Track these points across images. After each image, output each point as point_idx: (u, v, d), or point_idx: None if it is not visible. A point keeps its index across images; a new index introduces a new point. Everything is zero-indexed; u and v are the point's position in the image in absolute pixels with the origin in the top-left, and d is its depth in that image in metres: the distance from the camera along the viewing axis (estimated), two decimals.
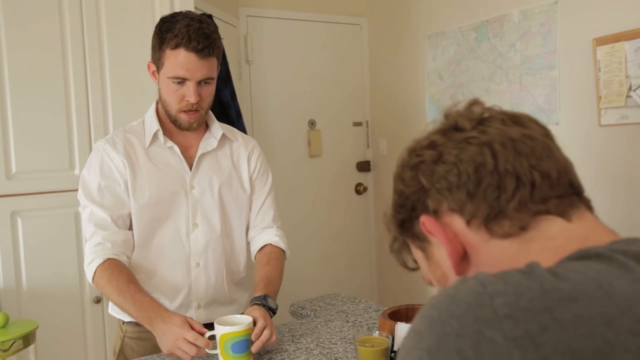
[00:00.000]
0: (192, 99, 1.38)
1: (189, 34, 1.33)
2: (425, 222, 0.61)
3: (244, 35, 3.31)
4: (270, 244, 1.56)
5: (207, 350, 1.26)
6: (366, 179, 3.81)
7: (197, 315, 1.49)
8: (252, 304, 1.37)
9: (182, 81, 1.37)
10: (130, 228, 1.45)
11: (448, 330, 0.46)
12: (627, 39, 2.29)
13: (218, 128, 1.52)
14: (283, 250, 1.58)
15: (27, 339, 0.95)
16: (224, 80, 2.84)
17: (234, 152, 1.56)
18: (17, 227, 2.15)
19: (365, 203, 3.82)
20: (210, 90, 1.43)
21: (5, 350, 0.90)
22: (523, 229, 0.57)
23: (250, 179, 1.58)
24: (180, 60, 1.34)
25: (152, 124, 1.47)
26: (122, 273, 1.34)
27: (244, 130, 2.95)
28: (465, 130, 0.62)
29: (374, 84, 3.75)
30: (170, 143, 1.46)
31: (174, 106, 1.41)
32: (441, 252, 0.62)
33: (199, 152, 1.49)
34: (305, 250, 3.49)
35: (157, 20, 2.36)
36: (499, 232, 0.58)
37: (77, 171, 2.24)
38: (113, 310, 1.50)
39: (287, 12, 3.46)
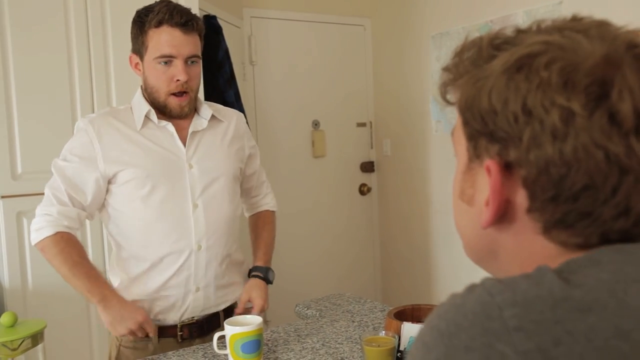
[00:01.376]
0: (182, 77, 1.36)
1: (170, 10, 1.35)
2: (491, 168, 0.52)
3: (247, 36, 3.32)
4: (267, 210, 1.70)
5: (217, 350, 1.26)
6: (370, 179, 3.81)
7: (195, 299, 1.47)
8: (254, 276, 1.52)
9: (168, 60, 1.36)
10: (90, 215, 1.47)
11: (456, 342, 0.44)
12: None
13: (207, 109, 1.50)
14: (274, 211, 1.73)
15: (36, 338, 0.95)
16: (228, 80, 2.84)
17: (226, 132, 1.54)
18: (23, 227, 2.16)
19: (369, 203, 3.82)
20: (197, 71, 1.42)
21: (14, 350, 0.90)
22: (580, 247, 0.51)
23: (244, 156, 1.60)
24: (165, 37, 1.35)
25: (141, 107, 1.43)
26: (75, 247, 1.38)
27: None
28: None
29: (378, 84, 3.75)
30: (163, 122, 1.43)
31: (163, 89, 1.39)
32: (484, 184, 0.54)
33: (190, 130, 1.46)
34: (310, 251, 3.50)
35: None
36: (556, 239, 0.52)
37: None
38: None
39: (291, 13, 3.46)
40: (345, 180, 3.71)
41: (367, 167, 3.78)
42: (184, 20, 1.35)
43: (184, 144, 1.46)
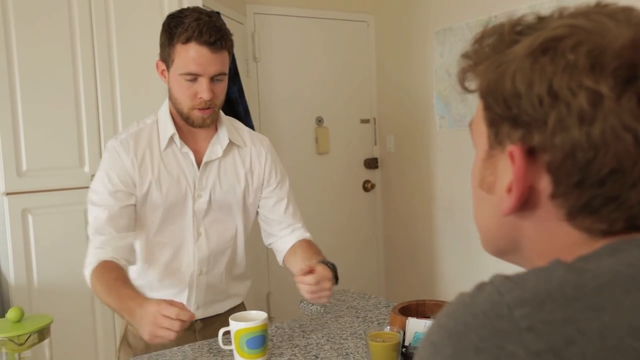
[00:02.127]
0: (205, 95, 1.34)
1: (200, 27, 1.30)
2: (515, 154, 0.50)
3: (251, 33, 3.31)
4: (298, 241, 1.56)
5: (222, 345, 1.26)
6: (374, 176, 3.81)
7: (196, 315, 1.51)
8: (320, 263, 1.37)
9: (194, 78, 1.33)
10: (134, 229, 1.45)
11: (466, 343, 0.44)
12: None
13: (225, 134, 1.47)
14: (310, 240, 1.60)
15: (42, 334, 0.95)
16: (232, 77, 2.84)
17: (242, 160, 1.52)
18: (28, 224, 2.17)
19: (373, 200, 3.82)
20: (222, 87, 1.40)
21: (21, 345, 0.90)
22: (605, 233, 0.50)
23: (262, 185, 1.56)
24: (192, 55, 1.31)
25: (166, 126, 1.43)
26: (112, 271, 1.31)
27: (251, 128, 2.95)
28: None
29: (381, 80, 3.75)
30: (185, 148, 1.44)
31: (186, 104, 1.37)
32: (505, 170, 0.52)
33: (204, 160, 1.45)
34: None
35: (166, 16, 2.40)
36: (580, 225, 0.50)
37: (87, 168, 2.26)
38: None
39: (294, 9, 3.46)
40: (348, 177, 3.71)
41: (371, 163, 3.78)
42: (213, 39, 1.30)
43: (199, 166, 1.46)
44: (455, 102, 3.17)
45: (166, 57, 1.37)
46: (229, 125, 1.51)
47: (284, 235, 1.57)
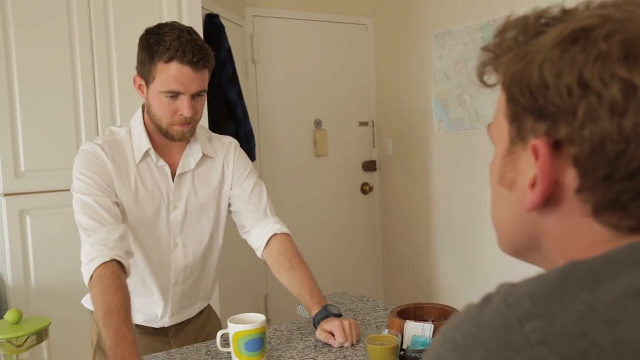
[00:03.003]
0: (186, 112, 1.33)
1: (183, 46, 1.28)
2: (539, 148, 0.49)
3: (250, 35, 3.32)
4: (275, 235, 1.51)
5: (220, 348, 1.26)
6: (372, 178, 3.81)
7: (170, 322, 1.54)
8: (323, 321, 1.35)
9: (175, 95, 1.32)
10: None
11: (473, 357, 0.43)
12: None
13: (198, 147, 1.46)
14: (289, 235, 1.53)
15: (41, 335, 0.95)
16: (231, 79, 2.85)
17: (215, 169, 1.52)
18: (26, 225, 2.16)
19: (371, 203, 3.82)
20: (202, 103, 1.39)
21: (20, 346, 0.90)
22: (633, 230, 0.48)
23: (232, 184, 1.54)
24: (173, 73, 1.30)
25: (141, 140, 1.41)
26: (120, 291, 1.24)
27: (250, 131, 2.96)
28: None
29: (380, 84, 3.75)
30: (161, 162, 1.43)
31: (166, 120, 1.35)
32: (527, 166, 0.51)
33: (178, 172, 1.45)
34: (311, 250, 3.48)
35: (165, 20, 2.38)
36: (607, 221, 0.49)
37: None
38: (86, 302, 1.51)
39: (293, 12, 3.47)
40: (347, 180, 3.71)
41: (369, 166, 3.78)
42: (196, 59, 1.29)
43: (174, 177, 1.45)
44: (454, 105, 3.18)
45: (146, 74, 1.35)
46: (201, 137, 1.49)
47: (257, 230, 1.53)
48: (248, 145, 2.92)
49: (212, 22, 2.77)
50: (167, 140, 1.41)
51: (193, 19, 2.42)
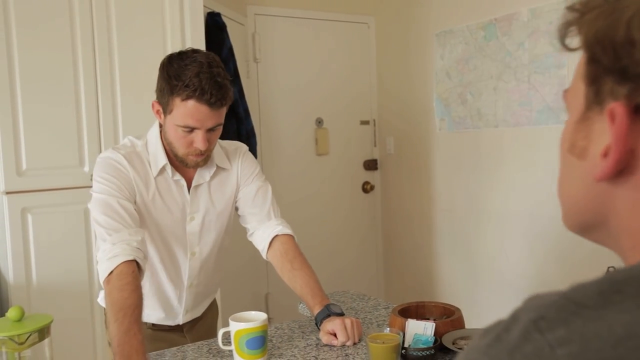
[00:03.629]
0: (201, 146, 1.34)
1: (202, 85, 1.26)
2: (616, 112, 0.45)
3: (251, 34, 3.32)
4: (277, 236, 1.52)
5: (222, 345, 1.27)
6: (373, 177, 3.81)
7: (184, 319, 1.59)
8: (324, 320, 1.35)
9: (191, 130, 1.33)
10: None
11: None
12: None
13: (212, 160, 1.47)
14: (292, 236, 1.54)
15: (42, 333, 0.95)
16: (232, 78, 2.84)
17: (229, 179, 1.54)
18: (28, 223, 2.17)
19: (372, 201, 3.82)
20: (217, 134, 1.40)
21: (21, 344, 0.90)
22: None
23: (238, 190, 1.56)
24: (190, 110, 1.29)
25: (157, 155, 1.42)
26: (136, 291, 1.25)
27: (251, 129, 2.96)
28: None
29: (382, 82, 3.75)
30: (177, 176, 1.45)
31: (181, 150, 1.37)
32: (601, 133, 0.47)
33: (193, 184, 1.47)
34: (312, 249, 3.48)
35: (167, 19, 2.40)
36: None
37: (86, 168, 2.26)
38: (102, 301, 1.52)
39: (295, 10, 3.46)
40: (348, 178, 3.71)
41: (371, 165, 3.78)
42: (214, 100, 1.28)
43: (189, 190, 1.47)
44: (455, 104, 3.18)
45: (164, 104, 1.35)
46: (216, 149, 1.50)
47: (260, 232, 1.54)
48: (249, 143, 2.92)
49: (214, 21, 2.77)
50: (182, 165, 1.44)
51: (194, 17, 2.42)
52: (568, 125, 0.52)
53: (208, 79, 1.27)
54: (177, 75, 1.29)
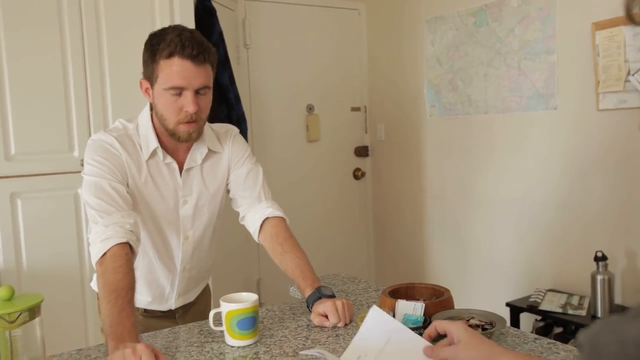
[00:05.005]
0: (190, 108, 1.34)
1: (182, 41, 1.31)
2: None
3: (242, 20, 3.30)
4: (268, 218, 1.52)
5: (213, 326, 1.27)
6: (364, 164, 3.82)
7: (176, 304, 1.59)
8: (316, 302, 1.36)
9: (179, 92, 1.33)
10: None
11: None
12: (626, 23, 2.29)
13: (204, 143, 1.48)
14: (283, 218, 1.53)
15: (33, 312, 0.95)
16: (223, 63, 2.83)
17: (220, 163, 1.54)
18: (17, 208, 2.16)
19: (363, 188, 3.83)
20: (207, 101, 1.40)
21: (12, 322, 0.90)
22: None
23: (229, 172, 1.56)
24: (175, 69, 1.31)
25: (148, 138, 1.42)
26: (130, 274, 1.25)
27: (242, 115, 2.95)
28: None
29: (373, 69, 3.75)
30: (169, 159, 1.44)
31: (172, 119, 1.36)
32: None
33: (185, 167, 1.46)
34: (303, 235, 3.48)
35: (156, 3, 2.38)
36: None
37: (76, 153, 2.25)
38: (95, 285, 1.52)
39: None
40: (339, 165, 3.72)
41: (361, 151, 3.79)
42: (195, 52, 1.31)
43: (181, 173, 1.46)
44: (446, 90, 3.18)
45: (150, 74, 1.37)
46: (207, 132, 1.50)
47: (250, 214, 1.54)
48: (240, 129, 2.90)
49: (204, 5, 2.75)
50: (174, 140, 1.43)
51: (184, 2, 2.40)
52: None
53: (189, 38, 1.31)
54: (158, 41, 1.33)
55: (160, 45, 1.32)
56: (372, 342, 1.03)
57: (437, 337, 1.02)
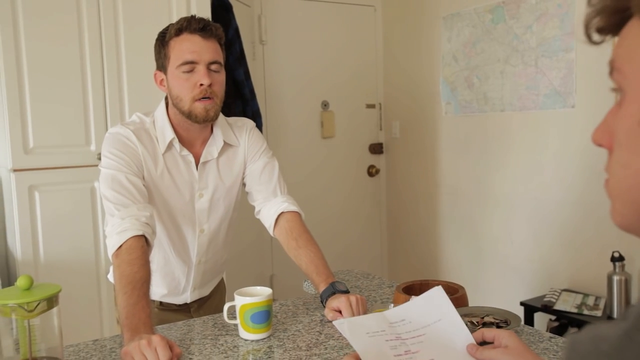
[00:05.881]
0: (204, 80, 1.35)
1: (188, 19, 1.37)
2: None
3: (257, 15, 3.30)
4: (283, 213, 1.52)
5: (227, 319, 1.28)
6: (378, 161, 3.81)
7: (192, 297, 1.61)
8: (329, 298, 1.36)
9: (191, 68, 1.36)
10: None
11: None
12: None
13: (220, 136, 1.48)
14: (298, 213, 1.53)
15: (51, 301, 0.97)
16: (238, 59, 2.84)
17: (236, 157, 1.54)
18: (35, 200, 2.18)
19: (377, 185, 3.82)
20: (221, 79, 1.41)
21: (31, 311, 0.92)
22: None
23: (245, 166, 1.56)
24: (185, 45, 1.36)
25: (165, 131, 1.43)
26: (145, 266, 1.26)
27: (257, 110, 2.96)
28: None
29: (388, 65, 3.73)
30: (185, 151, 1.45)
31: (187, 96, 1.37)
32: None
33: (201, 160, 1.47)
34: (317, 231, 3.47)
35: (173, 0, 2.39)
36: None
37: (93, 147, 2.27)
38: (112, 277, 1.54)
39: None
40: (353, 162, 3.71)
41: (376, 148, 3.78)
42: (202, 25, 1.36)
43: (197, 167, 1.47)
44: (462, 88, 3.16)
45: (163, 61, 1.40)
46: (223, 125, 1.51)
47: (266, 209, 1.55)
48: (255, 124, 2.92)
49: (220, 1, 2.76)
50: (191, 131, 1.44)
51: None
52: (631, 101, 0.46)
53: (195, 18, 1.39)
54: (166, 28, 1.40)
55: (168, 29, 1.39)
56: (421, 315, 1.02)
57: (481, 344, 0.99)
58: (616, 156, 0.47)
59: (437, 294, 1.07)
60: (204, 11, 2.43)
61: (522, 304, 2.55)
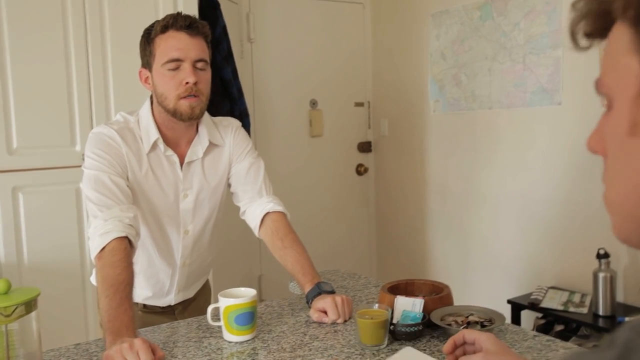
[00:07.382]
0: (190, 79, 1.34)
1: (174, 16, 1.36)
2: None
3: (245, 13, 3.28)
4: (268, 213, 1.51)
5: (211, 321, 1.27)
6: (367, 159, 3.81)
7: (176, 299, 1.59)
8: (314, 299, 1.35)
9: (177, 66, 1.34)
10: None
11: None
12: None
13: (205, 135, 1.47)
14: (284, 213, 1.53)
15: (29, 306, 0.95)
16: (226, 57, 2.82)
17: (222, 157, 1.53)
18: (19, 202, 2.16)
19: (365, 184, 3.82)
20: (206, 77, 1.40)
21: (8, 316, 0.90)
22: None
23: (230, 166, 1.55)
24: (171, 42, 1.34)
25: (149, 130, 1.41)
26: (128, 268, 1.25)
27: (245, 109, 2.94)
28: None
29: (376, 63, 3.73)
30: (169, 151, 1.43)
31: (172, 95, 1.36)
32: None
33: (186, 160, 1.46)
34: (305, 231, 3.49)
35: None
36: None
37: (78, 147, 2.25)
38: (95, 279, 1.53)
39: None
40: (342, 160, 3.71)
41: (365, 147, 3.77)
42: (188, 22, 1.35)
43: (182, 167, 1.46)
44: (450, 85, 3.16)
45: (148, 58, 1.39)
46: (209, 125, 1.50)
47: (251, 209, 1.54)
48: (243, 124, 2.89)
49: None
50: (176, 130, 1.42)
51: None
52: (623, 106, 0.46)
53: (181, 15, 1.37)
54: (152, 25, 1.38)
55: (153, 26, 1.37)
56: None
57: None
58: (611, 168, 0.47)
59: (409, 354, 1.09)
60: (191, 9, 2.41)
61: (509, 301, 2.56)
